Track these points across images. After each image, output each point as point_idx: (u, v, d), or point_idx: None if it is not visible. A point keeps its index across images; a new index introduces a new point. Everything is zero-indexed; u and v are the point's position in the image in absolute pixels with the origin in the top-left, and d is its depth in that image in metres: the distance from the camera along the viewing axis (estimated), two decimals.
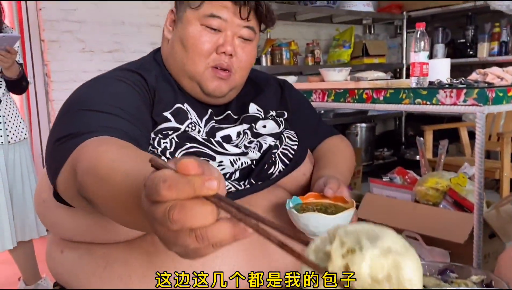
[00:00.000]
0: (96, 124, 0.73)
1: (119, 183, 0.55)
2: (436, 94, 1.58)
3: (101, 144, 0.67)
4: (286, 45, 3.46)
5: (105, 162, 0.60)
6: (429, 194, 1.75)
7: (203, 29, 0.90)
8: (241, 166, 0.90)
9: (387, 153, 4.12)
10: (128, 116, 0.77)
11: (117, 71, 0.90)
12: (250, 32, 0.93)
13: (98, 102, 0.78)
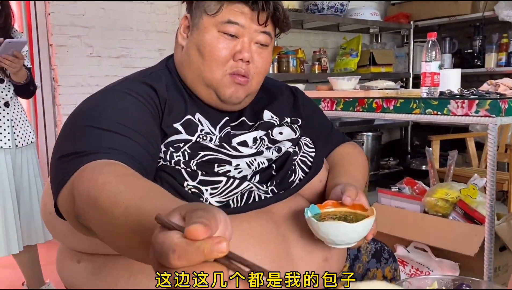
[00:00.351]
0: (100, 144, 0.72)
1: (119, 219, 0.56)
2: (447, 104, 1.57)
3: (102, 171, 0.66)
4: (293, 53, 3.45)
5: (106, 195, 0.60)
6: (439, 205, 1.73)
7: (220, 36, 0.89)
8: (258, 167, 0.89)
9: (393, 163, 4.09)
10: (134, 135, 0.76)
11: (127, 82, 0.88)
12: (266, 37, 0.92)
13: (105, 118, 0.77)
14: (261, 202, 0.87)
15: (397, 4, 4.12)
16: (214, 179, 0.81)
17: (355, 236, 0.79)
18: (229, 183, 0.82)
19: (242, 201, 0.85)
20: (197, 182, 0.80)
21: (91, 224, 0.63)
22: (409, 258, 1.78)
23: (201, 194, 0.80)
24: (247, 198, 0.86)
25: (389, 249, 1.11)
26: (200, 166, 0.81)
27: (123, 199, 0.60)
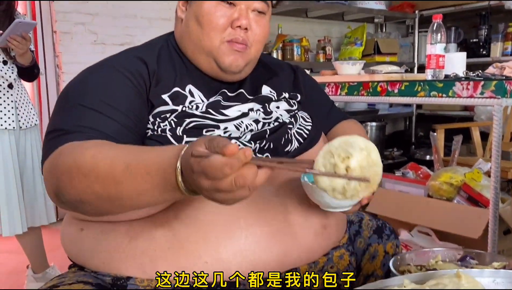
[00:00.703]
0: (79, 122, 0.79)
1: (123, 176, 0.67)
2: (452, 86, 1.56)
3: (86, 147, 0.73)
4: (298, 41, 3.44)
5: (100, 164, 0.69)
6: (443, 189, 1.73)
7: (218, 4, 0.90)
8: (246, 128, 0.91)
9: (397, 153, 4.08)
10: (114, 114, 0.81)
11: (120, 56, 0.92)
12: (263, 4, 0.94)
13: (89, 96, 0.82)
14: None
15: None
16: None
17: (338, 201, 0.74)
18: None
19: None
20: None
21: (84, 195, 0.70)
22: (412, 243, 1.78)
23: None
24: None
25: (390, 227, 1.11)
26: (187, 132, 0.84)
27: (119, 161, 0.69)
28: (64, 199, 0.74)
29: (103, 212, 0.75)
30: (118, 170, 0.68)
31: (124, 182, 0.67)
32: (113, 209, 0.73)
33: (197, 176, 0.60)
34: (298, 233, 0.85)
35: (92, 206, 0.72)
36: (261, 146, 0.91)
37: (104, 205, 0.71)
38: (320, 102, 1.13)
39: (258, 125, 0.93)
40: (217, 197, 0.61)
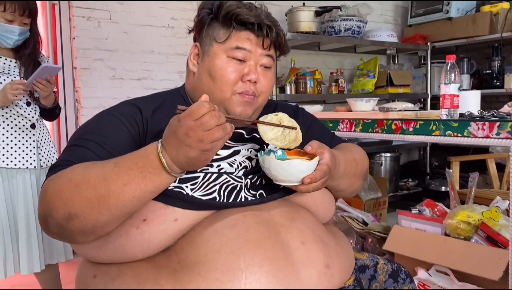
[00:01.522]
0: (68, 158, 0.88)
1: (112, 170, 0.78)
2: (467, 126, 1.56)
3: (72, 168, 0.83)
4: (310, 74, 3.49)
5: (92, 171, 0.80)
6: (460, 228, 1.71)
7: (229, 60, 1.00)
8: (240, 165, 0.97)
9: (412, 184, 4.05)
10: (103, 152, 0.90)
11: (120, 104, 1.02)
12: (270, 60, 1.04)
13: (86, 137, 0.93)
14: (250, 201, 0.93)
15: (414, 26, 4.15)
16: (192, 175, 0.89)
17: (286, 173, 0.88)
18: (207, 177, 0.90)
19: (230, 197, 0.92)
20: (177, 182, 0.88)
21: (72, 206, 0.78)
22: (430, 282, 1.75)
23: (182, 191, 0.88)
24: (234, 194, 0.92)
25: (406, 270, 1.11)
26: None
27: (109, 163, 0.80)
28: (52, 222, 0.80)
29: (89, 224, 0.80)
30: (108, 169, 0.79)
31: (112, 177, 0.78)
32: (100, 215, 0.78)
33: (183, 121, 0.75)
34: (300, 272, 0.85)
35: (79, 219, 0.78)
36: (253, 181, 0.95)
37: (92, 213, 0.78)
38: (319, 134, 1.20)
39: (252, 162, 0.99)
40: (201, 136, 0.74)
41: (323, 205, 1.03)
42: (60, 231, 0.82)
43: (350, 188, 1.13)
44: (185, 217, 0.87)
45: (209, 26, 1.02)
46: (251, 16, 0.98)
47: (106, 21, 2.99)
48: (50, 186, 0.82)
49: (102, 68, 3.00)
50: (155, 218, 0.85)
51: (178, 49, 3.25)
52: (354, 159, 1.11)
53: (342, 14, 3.48)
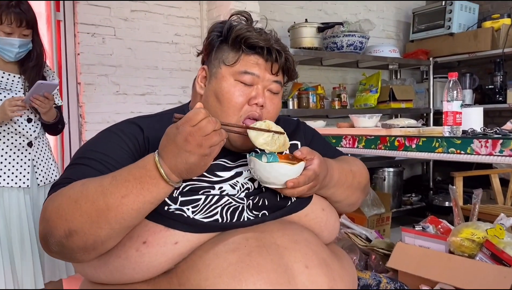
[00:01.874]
0: (69, 176, 0.89)
1: (110, 183, 0.80)
2: (470, 143, 1.56)
3: (71, 186, 0.84)
4: (313, 89, 3.50)
5: (90, 185, 0.81)
6: (465, 246, 1.70)
7: (237, 84, 0.99)
8: (242, 187, 0.97)
9: (415, 199, 4.04)
10: (98, 166, 0.90)
11: (122, 122, 1.03)
12: (278, 86, 1.03)
13: (87, 155, 0.93)
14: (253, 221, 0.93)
15: (416, 41, 4.17)
16: (193, 198, 0.89)
17: (268, 175, 0.91)
18: (208, 200, 0.90)
19: (234, 218, 0.91)
20: (178, 204, 0.88)
21: (72, 222, 0.79)
22: None
23: (183, 213, 0.87)
24: (237, 215, 0.92)
25: (408, 289, 1.11)
26: (182, 193, 0.89)
27: (107, 176, 0.82)
28: (52, 241, 0.81)
29: (90, 240, 0.80)
30: (106, 183, 0.80)
31: (110, 190, 0.78)
32: (100, 230, 0.79)
33: (181, 128, 0.78)
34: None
35: (79, 235, 0.79)
36: (255, 202, 0.95)
37: (92, 228, 0.79)
38: (323, 148, 1.19)
39: (254, 184, 0.99)
40: (200, 140, 0.77)
41: (328, 226, 1.02)
42: (60, 249, 0.82)
43: (347, 200, 1.12)
44: (186, 240, 0.86)
45: (218, 48, 1.03)
46: (260, 40, 0.98)
47: (111, 37, 3.02)
48: (50, 204, 0.83)
49: (106, 83, 3.02)
50: (155, 240, 0.85)
51: (182, 65, 3.28)
52: (351, 170, 1.11)
53: (344, 30, 3.51)
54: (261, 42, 0.98)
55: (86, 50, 2.95)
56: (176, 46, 3.26)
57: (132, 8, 3.08)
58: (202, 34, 3.33)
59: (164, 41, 3.21)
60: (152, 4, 3.15)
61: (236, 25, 1.01)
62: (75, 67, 2.97)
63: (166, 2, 3.19)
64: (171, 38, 3.24)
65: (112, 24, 3.03)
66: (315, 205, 1.01)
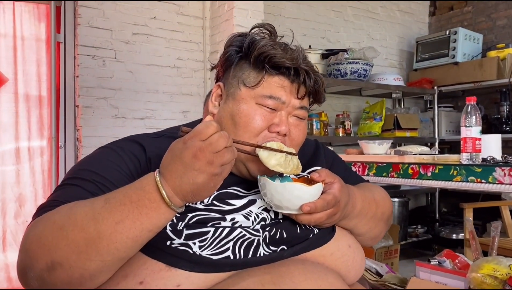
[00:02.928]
0: (57, 198, 0.78)
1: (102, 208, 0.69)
2: (492, 172, 1.46)
3: (57, 210, 0.73)
4: (316, 116, 3.43)
5: (79, 210, 0.70)
6: (487, 283, 1.57)
7: (258, 108, 0.87)
8: (257, 218, 0.84)
9: (421, 231, 3.90)
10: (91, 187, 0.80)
11: (123, 140, 0.92)
12: (304, 112, 0.91)
13: (80, 175, 0.82)
14: (270, 256, 0.81)
15: (419, 70, 4.13)
16: (200, 230, 0.77)
17: (279, 197, 0.80)
18: (218, 232, 0.77)
19: (248, 254, 0.79)
20: (183, 238, 0.75)
21: (56, 253, 0.67)
22: None
23: (188, 250, 0.75)
24: (252, 250, 0.80)
25: None
26: (188, 226, 0.77)
27: (99, 200, 0.70)
28: (32, 275, 0.69)
29: (76, 273, 0.68)
30: (98, 206, 0.69)
31: (102, 214, 0.67)
32: (88, 262, 0.67)
33: (190, 142, 0.68)
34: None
35: (63, 268, 0.67)
36: (271, 234, 0.82)
37: (79, 259, 0.67)
38: (343, 172, 1.08)
39: (271, 214, 0.86)
40: (210, 157, 0.67)
41: (355, 266, 0.90)
42: (40, 285, 0.70)
43: (370, 232, 1.01)
44: (190, 282, 0.74)
45: (238, 66, 0.91)
46: (287, 59, 0.86)
47: (111, 60, 2.96)
48: (32, 232, 0.71)
49: (105, 106, 2.94)
50: (153, 281, 0.73)
51: (183, 89, 3.21)
52: (374, 198, 1.00)
53: (348, 57, 3.47)
54: (288, 62, 0.86)
55: (85, 72, 2.88)
56: (178, 70, 3.20)
57: (134, 31, 3.03)
58: (205, 58, 3.27)
59: (166, 65, 3.15)
60: (154, 28, 3.10)
61: (259, 40, 0.89)
62: (74, 90, 2.89)
63: (168, 25, 3.15)
64: (173, 62, 3.18)
65: (113, 46, 2.97)
66: (340, 242, 0.89)
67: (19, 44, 2.75)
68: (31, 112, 2.81)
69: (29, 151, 2.82)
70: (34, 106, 2.83)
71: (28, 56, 2.80)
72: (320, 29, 3.86)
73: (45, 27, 2.85)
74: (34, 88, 2.82)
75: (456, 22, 4.33)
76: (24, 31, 2.75)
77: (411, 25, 4.47)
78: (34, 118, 2.82)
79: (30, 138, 2.82)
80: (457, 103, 4.30)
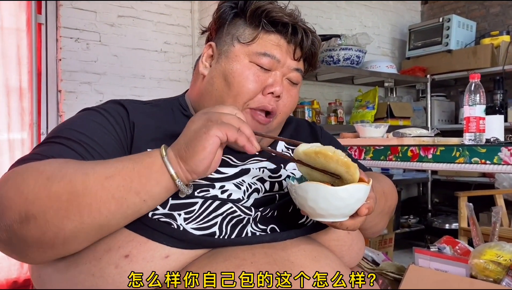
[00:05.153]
0: (40, 152, 0.71)
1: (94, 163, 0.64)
2: (497, 152, 1.39)
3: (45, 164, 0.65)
4: (309, 103, 3.35)
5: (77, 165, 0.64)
6: (489, 269, 1.51)
7: (252, 66, 0.82)
8: (250, 188, 0.77)
9: (413, 221, 3.86)
10: (76, 146, 0.73)
11: (108, 103, 0.86)
12: (298, 75, 0.87)
13: (67, 135, 0.75)
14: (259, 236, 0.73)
15: (412, 58, 4.07)
16: (187, 201, 0.69)
17: (339, 204, 0.65)
18: (206, 205, 0.70)
19: (234, 233, 0.71)
20: (168, 208, 0.68)
21: (34, 202, 0.59)
22: None
23: (172, 221, 0.67)
24: (238, 229, 0.72)
25: None
26: (174, 197, 0.69)
27: (96, 161, 0.65)
28: (1, 224, 0.60)
29: (50, 231, 0.59)
30: (93, 163, 0.64)
31: (95, 169, 0.61)
32: (65, 221, 0.59)
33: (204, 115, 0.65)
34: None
35: (37, 222, 0.58)
36: (264, 214, 0.75)
37: (56, 216, 0.58)
38: None
39: (265, 185, 0.79)
40: (212, 115, 0.64)
41: (350, 252, 0.84)
42: (8, 238, 0.61)
43: (374, 227, 0.94)
44: (179, 253, 0.67)
45: (232, 23, 0.86)
46: (285, 14, 0.82)
47: (96, 43, 2.84)
48: (11, 178, 0.63)
49: (89, 91, 2.82)
50: (140, 253, 0.65)
51: (171, 75, 3.10)
52: (383, 191, 0.92)
53: (341, 44, 3.38)
54: (286, 18, 0.82)
55: (68, 55, 2.75)
56: (165, 54, 3.08)
57: (119, 13, 2.91)
58: (193, 43, 3.16)
59: (153, 49, 3.03)
60: (141, 10, 2.98)
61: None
62: (56, 74, 2.76)
63: (155, 8, 3.03)
64: (160, 46, 3.06)
65: (98, 29, 2.84)
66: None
67: None
68: (11, 97, 2.67)
69: (9, 140, 2.68)
70: (14, 91, 2.69)
71: (7, 37, 2.66)
72: (312, 15, 3.76)
73: (25, 7, 2.70)
74: (14, 72, 2.68)
75: (449, 10, 4.27)
76: (2, 11, 2.60)
77: (404, 13, 4.40)
78: (14, 103, 2.68)
79: (10, 125, 2.68)
80: (450, 93, 4.26)
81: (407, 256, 3.32)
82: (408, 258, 3.15)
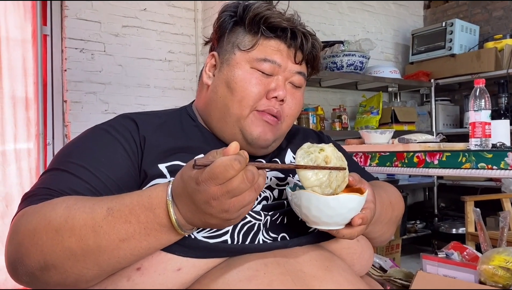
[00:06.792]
0: (48, 186, 0.71)
1: (104, 220, 0.60)
2: (504, 157, 1.39)
3: (53, 204, 0.65)
4: (313, 109, 3.35)
5: (77, 214, 0.61)
6: (498, 275, 1.50)
7: (254, 72, 0.83)
8: (259, 197, 0.79)
9: (420, 226, 3.84)
10: (93, 179, 0.73)
11: (116, 118, 0.86)
12: (301, 78, 0.87)
13: (72, 160, 0.75)
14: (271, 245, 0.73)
15: (416, 63, 4.07)
16: None
17: (331, 213, 0.66)
18: None
19: (246, 240, 0.72)
20: None
21: (51, 255, 0.60)
22: None
23: None
24: (251, 237, 0.73)
25: None
26: None
27: (100, 207, 0.62)
28: (22, 270, 0.62)
29: (71, 277, 0.61)
30: (99, 216, 0.61)
31: (104, 228, 0.60)
32: (85, 270, 0.60)
33: (203, 186, 0.56)
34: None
35: (58, 271, 0.60)
36: (273, 219, 0.75)
37: (76, 266, 0.60)
38: (351, 168, 1.00)
39: (274, 193, 0.81)
40: (226, 206, 0.57)
41: (361, 261, 0.84)
42: (32, 281, 0.64)
43: (382, 236, 0.94)
44: (191, 265, 0.67)
45: (232, 31, 0.87)
46: (284, 20, 0.83)
47: (100, 53, 2.86)
48: (23, 224, 0.64)
49: (94, 101, 2.83)
50: (152, 266, 0.65)
51: (175, 83, 3.11)
52: (390, 202, 0.92)
53: (344, 50, 3.39)
54: (284, 23, 0.82)
55: (73, 66, 2.77)
56: (170, 63, 3.10)
57: (124, 23, 2.93)
58: (197, 52, 3.18)
59: (157, 58, 3.05)
60: (145, 20, 3.00)
61: (254, 2, 0.85)
62: (62, 84, 2.78)
63: (159, 18, 3.05)
64: (164, 55, 3.08)
65: (102, 39, 2.86)
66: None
67: (3, 35, 2.63)
68: (17, 107, 2.69)
69: (15, 150, 2.70)
70: (20, 101, 2.71)
71: (13, 49, 2.68)
72: (314, 21, 3.78)
73: (30, 19, 2.73)
74: (20, 82, 2.70)
75: (452, 14, 4.28)
76: (9, 23, 2.63)
77: (406, 18, 4.41)
78: (20, 114, 2.70)
79: (17, 136, 2.70)
80: (454, 97, 4.25)
81: (414, 261, 3.30)
82: (415, 263, 3.13)
